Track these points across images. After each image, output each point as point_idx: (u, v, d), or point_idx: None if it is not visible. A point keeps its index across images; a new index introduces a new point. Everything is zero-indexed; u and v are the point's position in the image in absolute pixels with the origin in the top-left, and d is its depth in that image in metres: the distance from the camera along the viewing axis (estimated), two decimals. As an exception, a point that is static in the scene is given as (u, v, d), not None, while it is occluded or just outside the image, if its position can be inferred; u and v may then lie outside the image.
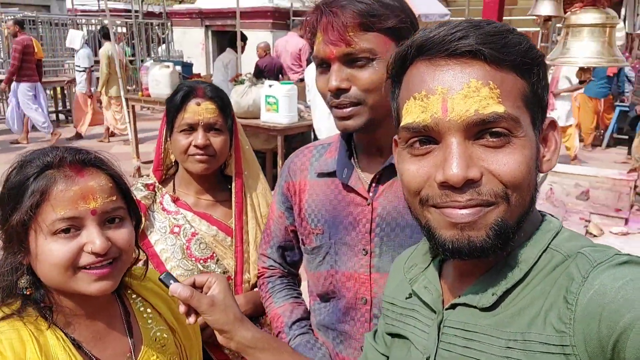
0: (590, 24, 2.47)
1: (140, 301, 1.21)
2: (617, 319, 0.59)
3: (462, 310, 0.78)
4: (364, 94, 1.12)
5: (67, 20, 13.85)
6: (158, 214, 1.67)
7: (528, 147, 0.70)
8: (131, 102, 7.82)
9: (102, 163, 1.06)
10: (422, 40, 0.72)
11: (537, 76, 0.73)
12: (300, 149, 1.40)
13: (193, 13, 12.92)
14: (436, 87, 0.70)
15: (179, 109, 1.60)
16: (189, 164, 1.62)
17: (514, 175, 0.69)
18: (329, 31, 1.09)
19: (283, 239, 1.43)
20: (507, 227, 0.70)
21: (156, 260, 1.62)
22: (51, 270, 0.98)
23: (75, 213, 0.98)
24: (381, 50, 1.11)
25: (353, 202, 1.23)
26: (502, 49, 0.69)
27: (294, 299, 1.43)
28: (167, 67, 7.27)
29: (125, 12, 16.23)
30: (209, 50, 12.90)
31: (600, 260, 0.66)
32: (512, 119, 0.69)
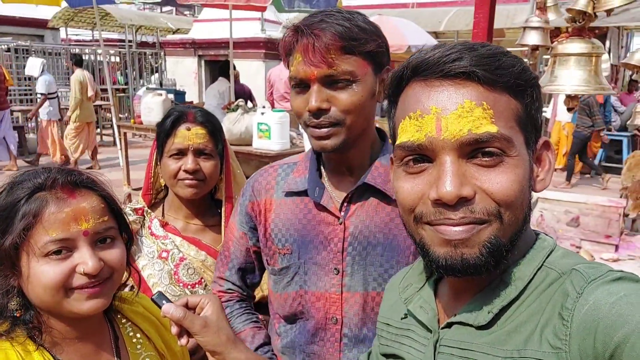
0: (577, 53, 2.53)
1: (130, 326, 1.19)
2: (612, 334, 0.59)
3: (458, 329, 0.78)
4: (343, 115, 1.14)
5: (60, 49, 13.96)
6: (146, 238, 1.66)
7: (521, 166, 0.72)
8: (123, 130, 7.82)
9: (94, 184, 1.06)
10: (418, 62, 0.74)
11: (531, 97, 0.75)
12: (263, 168, 1.39)
13: (186, 43, 13.06)
14: (431, 107, 0.71)
15: (169, 133, 1.60)
16: (179, 188, 1.61)
17: (507, 194, 0.70)
18: (310, 52, 1.11)
19: (244, 261, 1.40)
20: (500, 245, 0.71)
21: (143, 286, 1.58)
22: (44, 292, 0.98)
23: (67, 235, 0.98)
24: (360, 73, 1.13)
25: (324, 221, 1.23)
26: (496, 71, 0.71)
27: (254, 324, 1.39)
28: (159, 94, 7.30)
29: (119, 42, 16.44)
30: (202, 79, 13.00)
31: (595, 277, 0.67)
32: (505, 139, 0.70)
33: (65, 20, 14.67)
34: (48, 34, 17.15)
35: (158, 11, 21.34)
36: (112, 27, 16.15)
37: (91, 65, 13.99)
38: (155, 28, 15.56)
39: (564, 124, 9.58)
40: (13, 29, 15.90)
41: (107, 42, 17.22)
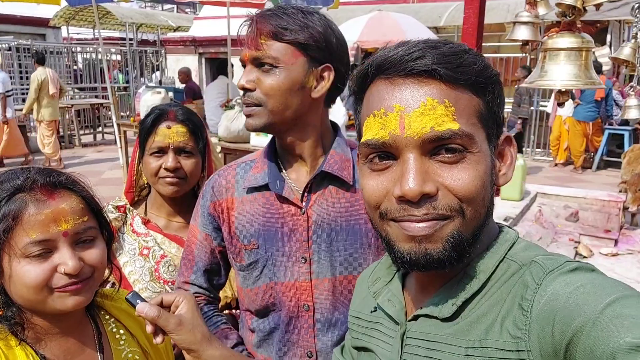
0: (567, 47, 2.51)
1: (113, 322, 1.21)
2: (569, 323, 0.61)
3: (424, 321, 0.79)
4: (264, 97, 1.20)
5: (62, 48, 14.00)
6: (128, 235, 1.66)
7: (482, 162, 0.73)
8: (123, 128, 7.87)
9: (74, 184, 1.07)
10: (381, 60, 0.75)
11: (492, 94, 0.76)
12: (221, 169, 1.41)
13: (187, 41, 13.08)
14: (394, 105, 0.73)
15: (149, 131, 1.61)
16: (160, 186, 1.62)
17: (468, 190, 0.71)
18: (249, 37, 1.20)
19: (209, 262, 1.40)
20: (463, 239, 0.72)
21: (124, 283, 1.59)
22: (27, 291, 0.99)
23: (47, 236, 0.99)
24: (286, 60, 1.18)
25: (287, 213, 1.26)
26: (457, 69, 0.72)
27: (225, 325, 1.40)
28: (158, 93, 7.34)
29: (120, 40, 16.46)
30: (202, 77, 13.02)
31: (553, 268, 0.69)
32: (466, 136, 0.71)
33: (67, 18, 14.72)
34: (50, 32, 17.21)
35: (159, 9, 21.37)
36: (113, 25, 16.19)
37: (92, 63, 14.04)
38: (155, 26, 15.58)
39: (564, 119, 9.55)
40: (14, 28, 15.97)
41: (108, 41, 17.30)
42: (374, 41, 10.76)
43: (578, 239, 5.40)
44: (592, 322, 0.59)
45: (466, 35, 2.75)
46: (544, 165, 10.11)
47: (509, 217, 5.20)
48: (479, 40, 2.79)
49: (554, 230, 5.53)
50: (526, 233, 5.06)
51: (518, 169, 5.60)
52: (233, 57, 8.52)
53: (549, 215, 5.85)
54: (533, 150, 10.79)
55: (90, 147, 11.73)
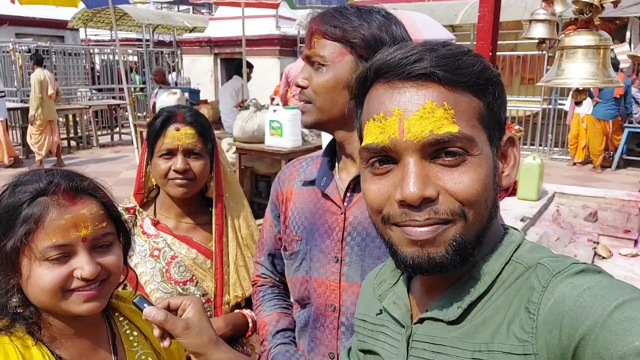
0: (584, 45, 2.47)
1: (127, 324, 1.22)
2: (577, 326, 0.61)
3: (430, 324, 0.79)
4: (314, 95, 1.23)
5: (80, 50, 14.19)
6: (138, 237, 1.67)
7: (484, 164, 0.72)
8: (139, 129, 7.94)
9: (95, 190, 1.08)
10: (380, 64, 0.75)
11: (493, 95, 0.75)
12: (292, 161, 1.48)
13: (202, 41, 13.14)
14: (393, 108, 0.72)
15: (158, 134, 1.61)
16: (169, 188, 1.62)
17: (470, 193, 0.70)
18: (307, 36, 1.25)
19: (273, 247, 1.48)
20: (466, 242, 0.72)
21: (135, 284, 1.60)
22: (42, 294, 1.01)
23: (66, 241, 1.00)
24: (332, 58, 1.19)
25: (329, 211, 1.28)
26: (456, 71, 0.71)
27: (282, 309, 1.46)
28: (174, 93, 7.40)
29: (137, 42, 16.62)
30: (218, 77, 13.08)
31: (559, 270, 0.68)
32: (467, 138, 0.71)
33: (85, 20, 14.91)
34: (68, 34, 17.47)
35: (175, 10, 21.54)
36: (130, 26, 16.36)
37: (109, 64, 14.20)
38: (172, 27, 15.70)
39: (582, 117, 9.40)
40: (34, 30, 16.24)
41: (125, 42, 17.48)
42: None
43: (597, 239, 5.31)
44: (601, 326, 0.59)
45: (481, 34, 2.71)
46: (561, 165, 9.97)
47: (526, 217, 5.13)
48: (495, 38, 2.75)
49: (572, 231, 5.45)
50: (543, 233, 4.99)
51: (535, 168, 5.52)
52: (248, 57, 8.55)
53: (567, 215, 5.76)
54: (551, 149, 10.64)
55: (107, 148, 11.86)
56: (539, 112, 10.61)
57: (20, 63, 11.74)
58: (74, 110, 11.85)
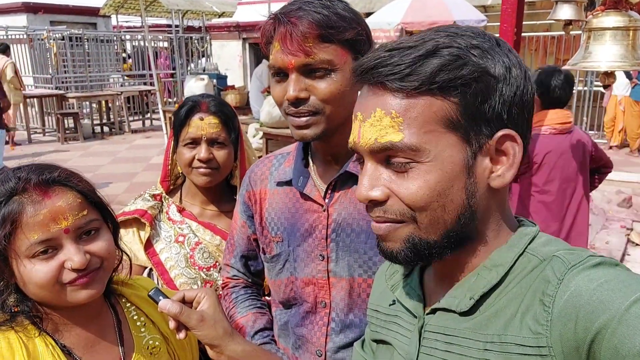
0: (613, 27, 2.40)
1: (134, 309, 1.23)
2: (593, 320, 0.61)
3: (442, 315, 0.79)
4: (322, 104, 1.14)
5: (112, 36, 14.42)
6: (164, 223, 1.73)
7: (434, 171, 0.71)
8: (168, 114, 8.07)
9: (68, 180, 1.05)
10: (355, 67, 0.78)
11: (468, 94, 0.70)
12: (261, 159, 1.43)
13: (231, 26, 13.19)
14: (357, 113, 0.77)
15: (183, 123, 1.66)
16: (193, 176, 1.67)
17: (414, 200, 0.72)
18: (287, 41, 1.09)
19: (246, 249, 1.44)
20: (423, 242, 0.75)
21: (160, 269, 1.66)
22: (39, 290, 1.01)
23: (48, 235, 0.99)
24: (339, 62, 1.12)
25: (310, 210, 1.25)
26: (407, 77, 0.70)
27: (257, 309, 1.43)
28: (202, 79, 7.48)
29: (167, 28, 16.76)
30: (246, 62, 13.13)
31: (575, 263, 0.68)
32: (410, 148, 0.71)
33: (116, 7, 15.10)
34: (100, 21, 17.74)
35: (204, -5, 21.55)
36: (160, 12, 16.48)
37: (140, 50, 14.39)
38: (200, 12, 15.77)
39: (620, 99, 9.10)
40: (67, 18, 16.55)
41: (155, 28, 17.65)
42: (419, 23, 10.51)
43: (630, 225, 5.19)
44: (618, 320, 0.59)
45: (505, 16, 2.66)
46: (596, 148, 9.69)
47: (556, 202, 5.04)
48: (519, 20, 2.69)
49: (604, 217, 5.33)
50: (573, 219, 4.90)
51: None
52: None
53: (600, 201, 5.63)
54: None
55: (139, 133, 12.10)
56: (573, 94, 10.32)
57: (54, 50, 12.02)
58: (106, 96, 12.12)
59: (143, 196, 1.76)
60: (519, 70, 0.74)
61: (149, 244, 1.69)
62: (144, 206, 1.71)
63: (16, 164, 1.12)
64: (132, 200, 1.79)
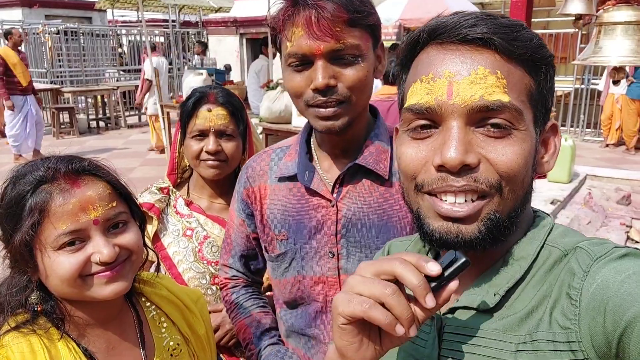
0: (624, 21, 2.37)
1: (154, 309, 1.18)
2: (622, 313, 0.59)
3: (463, 313, 0.75)
4: (349, 92, 1.09)
5: (107, 31, 14.31)
6: (171, 217, 1.69)
7: (528, 141, 0.70)
8: (166, 109, 7.99)
9: (98, 169, 1.03)
10: (435, 25, 0.73)
11: (545, 76, 0.73)
12: (257, 154, 1.37)
13: (228, 21, 13.13)
14: (444, 70, 0.70)
15: (190, 114, 1.62)
16: (201, 169, 1.63)
17: (511, 167, 0.68)
18: (314, 25, 1.03)
19: (245, 248, 1.39)
20: (499, 220, 0.69)
21: (168, 263, 1.63)
22: (61, 284, 0.97)
23: (77, 226, 0.95)
24: (365, 47, 1.08)
25: (317, 205, 1.20)
26: (513, 42, 0.69)
27: (260, 309, 1.39)
28: (200, 74, 7.41)
29: (164, 22, 16.65)
30: (244, 57, 13.07)
31: (600, 254, 0.66)
32: (516, 110, 0.68)
33: (112, 1, 14.97)
34: (96, 15, 17.63)
35: (201, -10, 21.42)
36: (156, 7, 16.36)
37: (136, 45, 14.29)
38: (197, 7, 15.67)
39: (617, 97, 9.12)
40: (63, 12, 16.44)
41: (151, 23, 17.54)
42: (417, 19, 10.49)
43: (630, 223, 5.18)
44: None
45: (515, 11, 2.63)
46: (593, 146, 9.72)
47: (557, 199, 5.03)
48: (529, 15, 2.67)
49: (604, 214, 5.32)
50: (574, 217, 4.89)
51: (567, 150, 5.39)
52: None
53: (599, 199, 5.62)
54: (583, 130, 10.37)
55: (135, 128, 12.02)
56: (571, 92, 10.33)
57: (49, 44, 11.92)
58: (102, 91, 12.02)
59: (150, 189, 1.72)
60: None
61: (156, 238, 1.65)
62: (151, 199, 1.67)
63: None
64: (138, 193, 1.75)
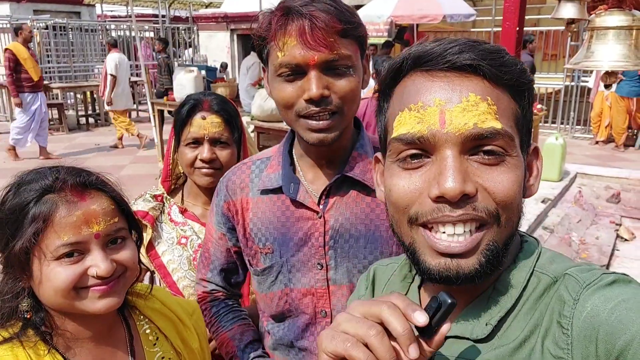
0: (616, 26, 2.39)
1: (146, 323, 1.18)
2: (614, 341, 0.59)
3: (455, 342, 0.73)
4: (341, 103, 1.08)
5: (96, 26, 14.17)
6: (166, 225, 1.68)
7: (520, 167, 0.70)
8: (157, 107, 7.95)
9: (104, 185, 1.04)
10: (421, 52, 0.71)
11: (527, 100, 0.73)
12: (236, 166, 1.35)
13: (219, 17, 13.05)
14: (434, 98, 0.68)
15: (185, 122, 1.60)
16: (196, 177, 1.62)
17: (508, 194, 0.67)
18: (307, 35, 1.02)
19: (225, 262, 1.37)
20: (498, 250, 0.69)
21: (163, 271, 1.62)
22: (55, 294, 0.97)
23: (78, 238, 0.96)
24: (355, 58, 1.09)
25: (303, 217, 1.20)
26: (500, 67, 0.69)
27: (242, 321, 1.38)
28: (191, 71, 7.37)
29: (153, 17, 16.52)
30: (234, 53, 13.01)
31: (589, 281, 0.66)
32: (509, 136, 0.68)
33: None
34: (84, 10, 17.43)
35: (191, -15, 21.27)
36: (146, 2, 16.24)
37: (126, 41, 14.17)
38: (187, 2, 15.58)
39: (606, 95, 9.19)
40: (51, 6, 16.24)
41: (141, 18, 17.38)
42: (409, 16, 10.50)
43: (619, 221, 5.24)
44: (639, 341, 0.57)
45: (507, 14, 2.64)
46: (583, 143, 9.80)
47: (547, 198, 5.07)
48: (522, 14, 2.67)
49: (593, 212, 5.37)
50: (565, 215, 4.93)
51: (558, 149, 5.44)
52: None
53: (589, 197, 5.68)
54: (573, 127, 10.44)
55: (125, 125, 11.90)
56: (561, 90, 10.39)
57: (38, 40, 11.77)
58: (91, 87, 11.89)
59: (144, 197, 1.70)
60: None
61: (150, 246, 1.64)
62: (145, 207, 1.66)
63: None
64: (132, 200, 1.74)
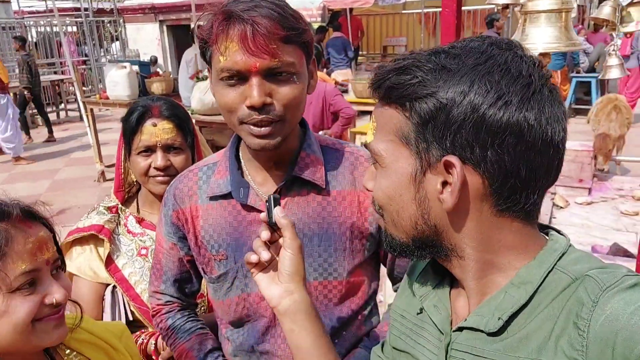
0: (547, 9, 2.49)
1: (75, 356, 1.12)
2: (632, 347, 0.59)
3: (470, 333, 0.76)
4: (284, 110, 1.07)
5: (14, 23, 13.31)
6: (123, 237, 1.62)
7: (386, 177, 0.78)
8: (89, 106, 7.58)
9: (37, 214, 1.03)
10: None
11: (420, 114, 0.72)
12: (182, 174, 1.32)
13: (146, 8, 12.58)
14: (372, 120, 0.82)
15: (134, 130, 1.55)
16: (151, 185, 1.58)
17: (375, 197, 0.81)
18: (249, 41, 1.00)
19: (178, 272, 1.34)
20: (391, 238, 0.82)
21: (125, 285, 1.57)
22: (13, 330, 0.92)
23: (35, 265, 0.95)
24: (299, 64, 1.08)
25: (255, 221, 1.18)
26: (378, 89, 0.78)
27: (200, 331, 1.36)
28: (124, 67, 7.07)
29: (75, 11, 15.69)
30: (165, 46, 12.61)
31: (610, 284, 0.66)
32: (373, 151, 0.80)
33: (15, -10, 13.95)
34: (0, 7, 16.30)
35: (113, -25, 20.34)
36: (66, -5, 15.40)
37: (47, 37, 13.41)
38: (112, -6, 14.89)
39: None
40: (-40, 4, 15.06)
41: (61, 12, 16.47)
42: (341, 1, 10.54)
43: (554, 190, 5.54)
44: None
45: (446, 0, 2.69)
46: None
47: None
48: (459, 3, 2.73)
49: (529, 183, 5.66)
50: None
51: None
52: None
53: (524, 169, 5.97)
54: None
55: (54, 126, 11.29)
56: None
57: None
58: (12, 89, 11.17)
59: (97, 209, 1.64)
60: (481, 97, 0.68)
61: (109, 260, 1.58)
62: (100, 221, 1.59)
63: None
64: (85, 214, 1.67)
